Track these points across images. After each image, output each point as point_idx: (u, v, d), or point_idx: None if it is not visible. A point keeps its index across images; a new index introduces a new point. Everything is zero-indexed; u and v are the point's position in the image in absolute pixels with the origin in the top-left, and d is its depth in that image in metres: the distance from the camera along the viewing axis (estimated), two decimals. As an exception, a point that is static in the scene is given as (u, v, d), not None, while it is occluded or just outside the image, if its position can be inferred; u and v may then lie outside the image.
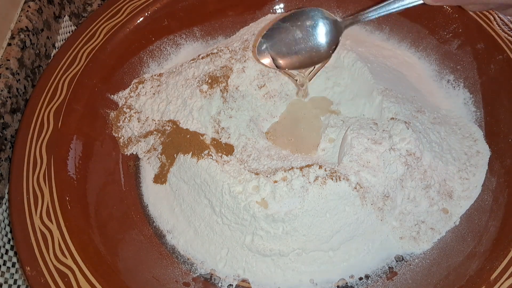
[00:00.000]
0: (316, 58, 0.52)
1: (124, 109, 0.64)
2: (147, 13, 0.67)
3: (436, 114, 0.61)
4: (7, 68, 0.57)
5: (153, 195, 0.60)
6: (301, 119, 0.63)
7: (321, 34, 0.51)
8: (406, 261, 0.53)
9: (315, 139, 0.60)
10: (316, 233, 0.51)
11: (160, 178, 0.59)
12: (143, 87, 0.65)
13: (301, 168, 0.51)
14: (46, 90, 0.59)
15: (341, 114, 0.61)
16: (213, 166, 0.53)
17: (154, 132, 0.61)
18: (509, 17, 0.62)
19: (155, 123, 0.61)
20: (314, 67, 0.55)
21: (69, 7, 0.74)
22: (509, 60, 0.59)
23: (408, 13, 0.69)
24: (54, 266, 0.47)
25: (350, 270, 0.53)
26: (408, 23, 0.69)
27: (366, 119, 0.58)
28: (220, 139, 0.58)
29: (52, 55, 0.68)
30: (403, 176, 0.53)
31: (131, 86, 0.66)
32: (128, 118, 0.63)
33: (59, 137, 0.56)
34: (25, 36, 0.61)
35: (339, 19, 0.51)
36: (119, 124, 0.63)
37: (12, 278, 0.55)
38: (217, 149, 0.56)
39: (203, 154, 0.55)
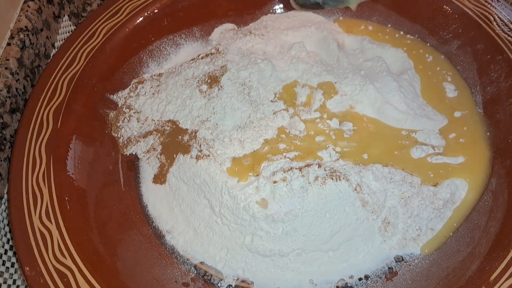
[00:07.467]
0: None
1: (124, 109, 0.64)
2: (147, 13, 0.67)
3: (436, 115, 0.61)
4: (6, 68, 0.57)
5: (153, 195, 0.59)
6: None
7: None
8: (405, 262, 0.53)
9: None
10: (315, 233, 0.51)
11: (160, 178, 0.59)
12: (142, 87, 0.65)
13: (300, 169, 0.51)
14: (45, 90, 0.59)
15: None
16: (213, 166, 0.53)
17: (154, 132, 0.61)
18: (508, 17, 0.62)
19: (155, 123, 0.61)
20: None
21: (69, 7, 0.74)
22: (508, 60, 0.59)
23: (408, 13, 0.69)
24: (53, 266, 0.47)
25: (349, 270, 0.53)
26: (408, 23, 0.69)
27: None
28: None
29: (51, 55, 0.68)
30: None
31: (131, 86, 0.66)
32: (128, 118, 0.63)
33: (58, 137, 0.56)
34: (24, 36, 0.61)
35: None
36: (118, 124, 0.63)
37: (11, 278, 0.55)
38: (216, 149, 0.56)
39: (202, 154, 0.54)
